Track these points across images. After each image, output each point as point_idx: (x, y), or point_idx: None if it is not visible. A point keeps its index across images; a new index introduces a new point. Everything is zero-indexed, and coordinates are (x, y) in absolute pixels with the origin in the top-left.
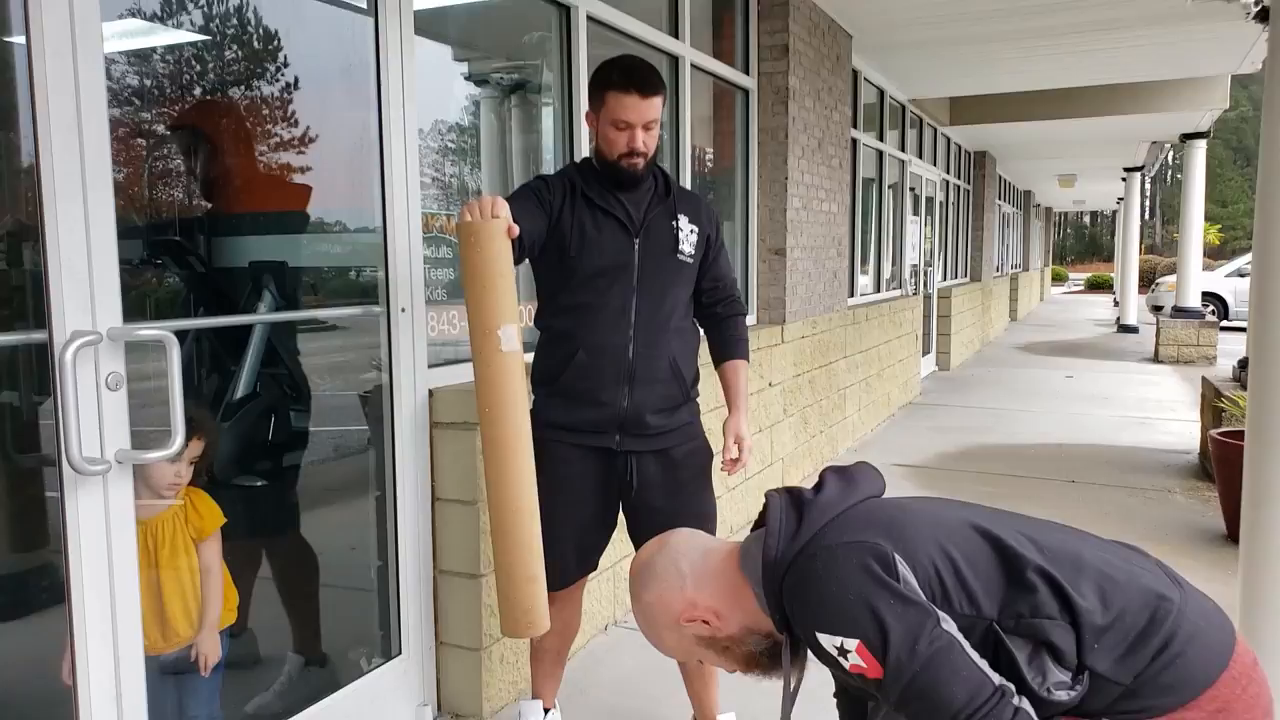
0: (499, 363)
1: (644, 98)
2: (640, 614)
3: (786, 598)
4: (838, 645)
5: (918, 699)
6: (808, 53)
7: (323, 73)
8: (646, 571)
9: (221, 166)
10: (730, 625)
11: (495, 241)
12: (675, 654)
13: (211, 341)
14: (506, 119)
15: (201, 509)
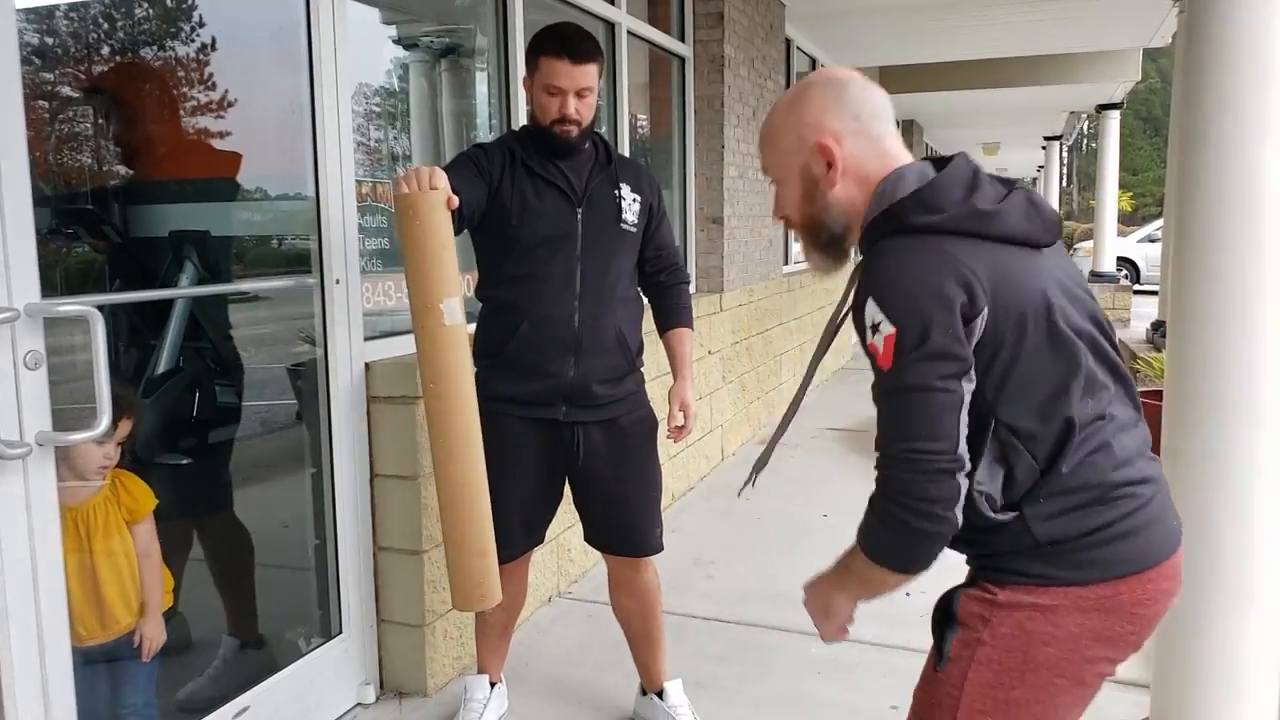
0: (443, 337)
1: (576, 64)
2: (790, 101)
3: (880, 244)
4: (876, 321)
5: (893, 408)
6: (742, 21)
7: (250, 34)
8: (837, 78)
9: (140, 131)
10: (839, 191)
11: (435, 213)
12: (772, 166)
13: (130, 314)
14: (438, 83)
15: (134, 490)
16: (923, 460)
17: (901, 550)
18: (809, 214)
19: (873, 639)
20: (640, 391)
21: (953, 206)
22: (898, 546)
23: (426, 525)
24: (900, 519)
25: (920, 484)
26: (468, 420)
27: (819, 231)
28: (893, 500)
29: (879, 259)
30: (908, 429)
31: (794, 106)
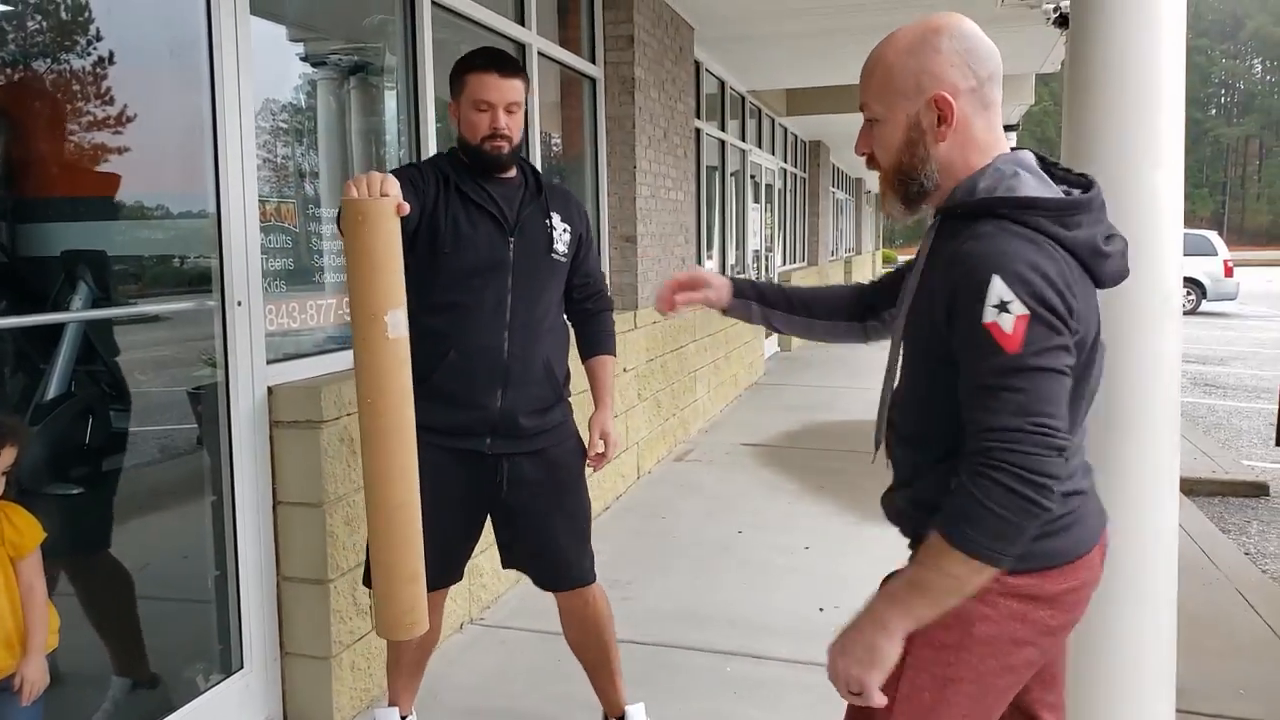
0: (386, 350)
1: (504, 77)
2: (915, 42)
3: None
4: (1005, 300)
5: (1019, 384)
6: (652, 43)
7: (148, 49)
8: (967, 31)
9: (31, 148)
10: (944, 149)
11: (386, 220)
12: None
13: (17, 337)
14: (346, 102)
15: (19, 523)
16: (1049, 435)
17: (1011, 532)
18: (906, 164)
19: (787, 655)
20: (568, 421)
21: (1083, 234)
22: (1008, 527)
23: (332, 553)
24: (1022, 496)
25: (1043, 458)
26: (405, 438)
27: (909, 183)
28: (1012, 474)
29: (1004, 239)
30: (1034, 406)
31: (918, 50)
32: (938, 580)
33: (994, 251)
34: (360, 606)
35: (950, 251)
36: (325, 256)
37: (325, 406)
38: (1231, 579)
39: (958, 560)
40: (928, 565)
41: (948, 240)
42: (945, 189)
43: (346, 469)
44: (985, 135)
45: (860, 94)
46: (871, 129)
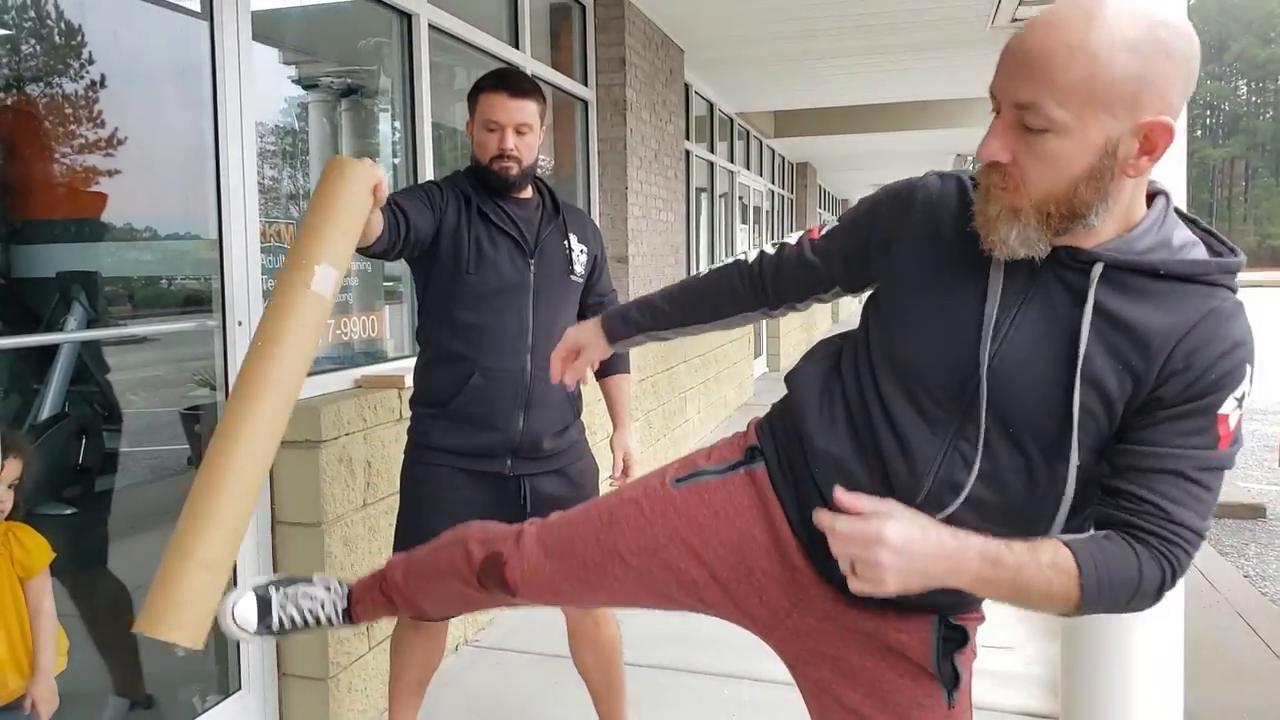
0: (301, 299)
1: (514, 98)
2: (1144, 41)
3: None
4: (1246, 395)
5: (1215, 487)
6: (644, 66)
7: (153, 74)
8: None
9: (32, 171)
10: (1127, 186)
11: (358, 182)
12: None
13: (11, 357)
14: (338, 124)
15: (27, 543)
16: (1204, 540)
17: (1119, 605)
18: (1081, 197)
19: (785, 678)
20: (582, 440)
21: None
22: (1122, 603)
23: (330, 574)
24: (1162, 589)
25: (1190, 562)
26: (277, 399)
27: (1073, 220)
28: (1174, 574)
29: (1242, 317)
30: (1213, 508)
31: (1147, 51)
32: (1038, 590)
33: (1249, 335)
34: (358, 628)
35: (1170, 324)
36: None
37: (324, 426)
38: (1231, 602)
39: (1066, 591)
40: (1042, 570)
41: (1129, 300)
42: (1099, 231)
43: (345, 489)
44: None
45: (1024, 84)
46: (1028, 136)
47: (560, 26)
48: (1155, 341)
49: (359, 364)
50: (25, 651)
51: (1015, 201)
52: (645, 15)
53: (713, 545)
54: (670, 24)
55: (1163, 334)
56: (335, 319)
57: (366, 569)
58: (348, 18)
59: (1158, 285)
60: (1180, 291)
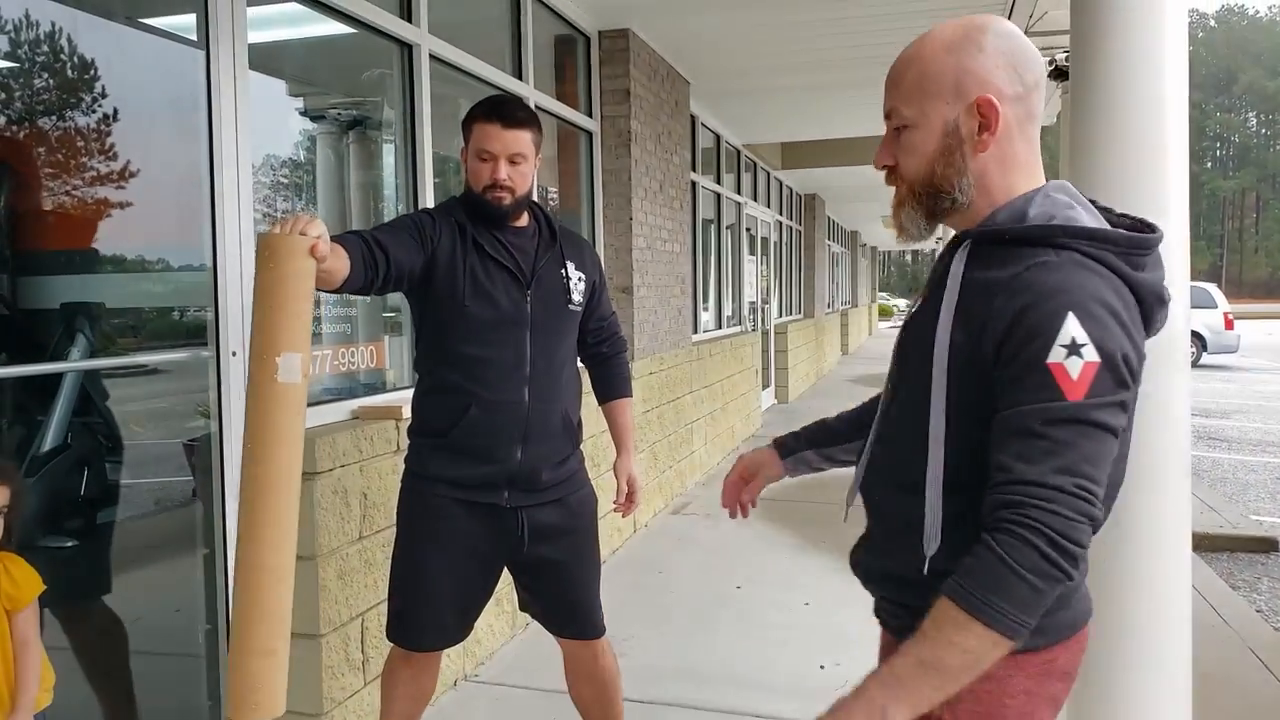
0: (272, 394)
1: (507, 128)
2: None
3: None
4: (1080, 342)
5: (1071, 438)
6: (648, 98)
7: (147, 105)
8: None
9: (32, 202)
10: (983, 160)
11: (292, 260)
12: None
13: (14, 388)
14: (345, 155)
15: (16, 575)
16: (1089, 501)
17: (1036, 602)
18: (940, 175)
19: (788, 715)
20: (581, 470)
21: (1150, 276)
22: (1035, 597)
23: (325, 607)
24: (1055, 566)
25: (1077, 525)
26: (282, 493)
27: (940, 198)
28: (1050, 542)
29: (1079, 273)
30: (1080, 465)
31: (960, 48)
32: (951, 658)
33: (1071, 285)
34: (353, 662)
35: (1001, 279)
36: (320, 308)
37: (319, 458)
38: (1244, 637)
39: (978, 635)
40: (938, 641)
41: (986, 268)
42: (978, 209)
43: (340, 521)
44: (1027, 152)
45: (886, 98)
46: (898, 137)
47: (564, 58)
48: (988, 291)
49: (358, 394)
50: (7, 685)
51: (901, 193)
52: (651, 47)
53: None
54: (676, 56)
55: (992, 283)
56: (335, 349)
57: (361, 602)
58: (350, 49)
59: (1006, 251)
60: (1020, 252)
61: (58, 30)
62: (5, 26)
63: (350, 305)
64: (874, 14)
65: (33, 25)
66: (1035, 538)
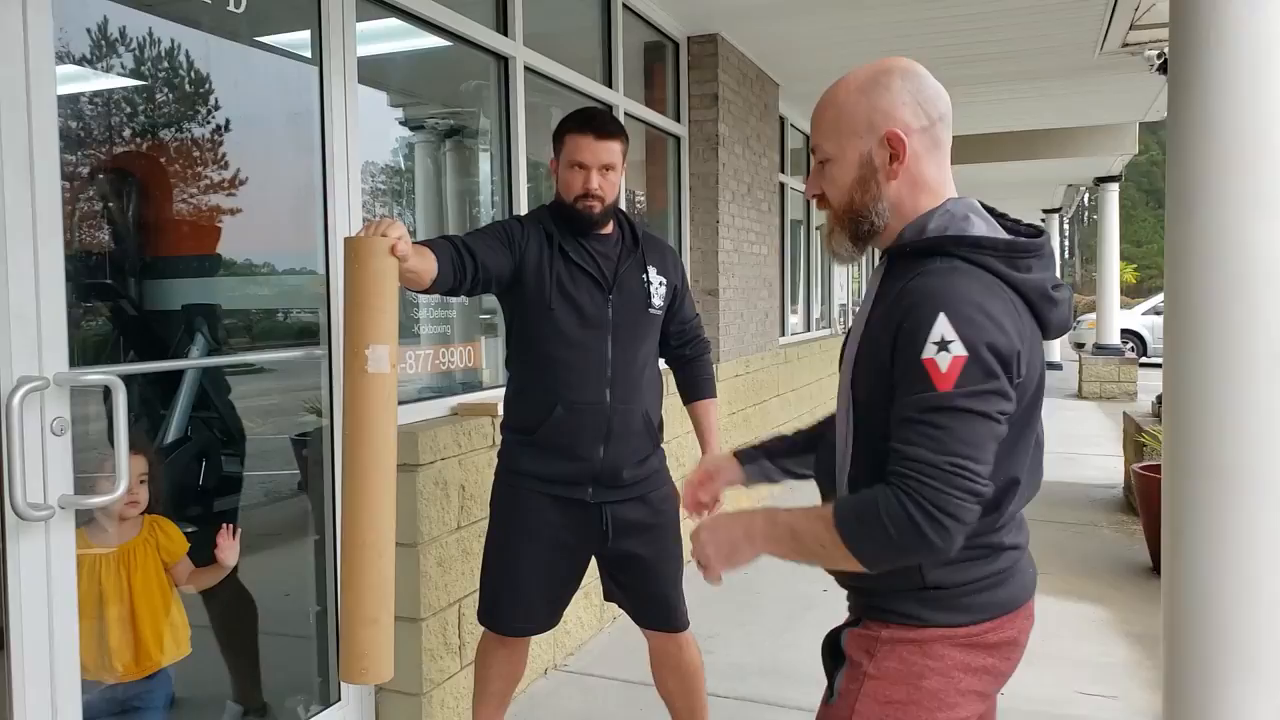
0: (364, 383)
1: (599, 139)
2: (866, 82)
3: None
4: (947, 339)
5: (945, 423)
6: (737, 101)
7: (265, 118)
8: (917, 72)
9: (159, 210)
10: (895, 187)
11: (374, 259)
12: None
13: (142, 384)
14: (442, 163)
15: (170, 532)
16: (967, 478)
17: (890, 550)
18: (858, 202)
19: None
20: (663, 469)
21: (1034, 277)
22: (890, 545)
23: (425, 593)
24: (915, 525)
25: (955, 501)
26: (377, 475)
27: (860, 222)
28: (918, 506)
29: (954, 277)
30: (953, 445)
31: (869, 89)
32: (811, 542)
33: (942, 289)
34: (450, 646)
35: (898, 289)
36: (422, 309)
37: (421, 451)
38: None
39: (833, 543)
40: (811, 524)
41: (896, 279)
42: (894, 229)
43: (440, 511)
44: (935, 176)
45: (811, 136)
46: (823, 170)
47: (654, 65)
48: (891, 301)
49: (456, 392)
50: (169, 628)
51: (830, 220)
52: (739, 51)
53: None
54: (765, 59)
55: (892, 294)
56: (435, 349)
57: (459, 589)
58: (449, 62)
59: (907, 261)
60: (914, 262)
61: (184, 50)
62: (135, 46)
63: (448, 308)
64: (956, 14)
65: (162, 46)
66: (908, 502)
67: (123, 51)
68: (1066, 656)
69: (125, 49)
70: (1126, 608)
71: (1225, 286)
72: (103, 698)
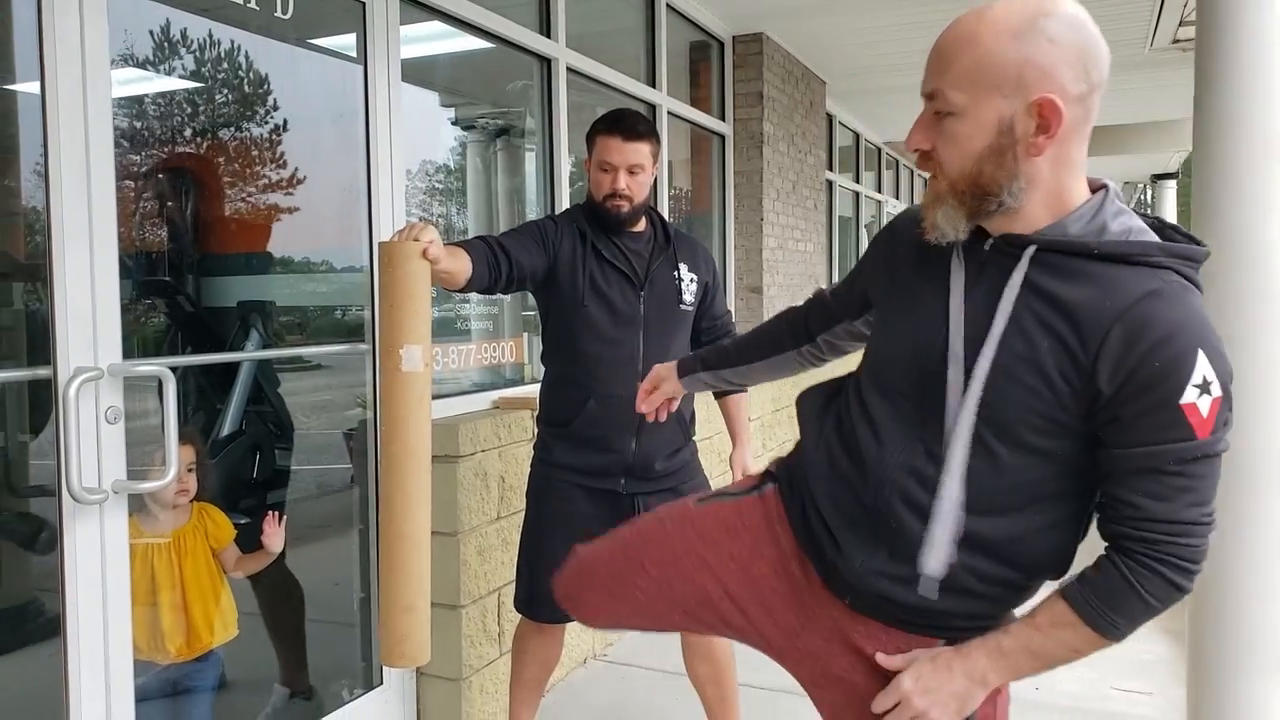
0: (398, 382)
1: (626, 141)
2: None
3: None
4: (1209, 380)
5: (1201, 474)
6: (781, 99)
7: (312, 118)
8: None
9: (213, 209)
10: (1038, 164)
11: (407, 263)
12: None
13: (197, 378)
14: (492, 162)
15: (217, 519)
16: (1210, 525)
17: (1146, 617)
18: (988, 176)
19: None
20: (695, 461)
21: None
22: (1147, 615)
23: (465, 581)
24: (1177, 585)
25: (1204, 549)
26: (413, 468)
27: (987, 200)
28: (1176, 567)
29: (1194, 302)
30: (1208, 495)
31: (1027, 36)
32: (1057, 651)
33: (1194, 319)
34: (489, 633)
35: (1105, 307)
36: (466, 305)
37: (462, 443)
38: None
39: (1086, 639)
40: (1050, 637)
41: (1064, 283)
42: (1031, 216)
43: (480, 501)
44: (1080, 153)
45: (930, 77)
46: (939, 122)
47: (698, 64)
48: (1084, 314)
49: (499, 386)
50: (218, 612)
51: (938, 186)
52: (785, 50)
53: (724, 559)
54: (811, 57)
55: (1094, 309)
56: (479, 344)
57: (498, 578)
58: (497, 62)
59: (1093, 266)
60: (1118, 273)
61: (238, 50)
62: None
63: (493, 305)
64: None
65: (215, 48)
66: (1167, 569)
67: (177, 54)
68: (1103, 653)
69: (180, 52)
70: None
71: (1249, 284)
72: (156, 679)
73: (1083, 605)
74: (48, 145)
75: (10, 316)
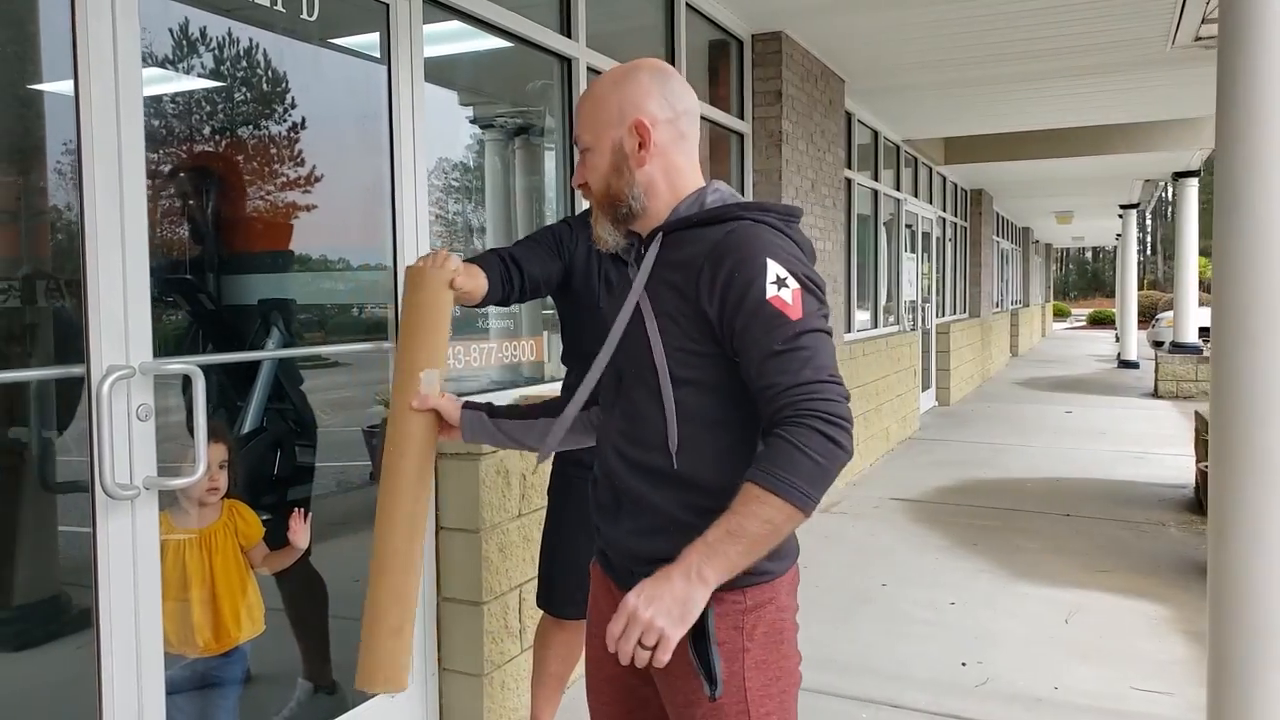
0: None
1: None
2: (618, 78)
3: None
4: (782, 277)
5: (810, 346)
6: (800, 98)
7: (336, 117)
8: (664, 71)
9: (236, 208)
10: (646, 172)
11: (432, 291)
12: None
13: (219, 376)
14: (510, 161)
15: (247, 517)
16: (840, 385)
17: (823, 476)
18: (614, 187)
19: (924, 706)
20: None
21: (802, 238)
22: (822, 472)
23: (486, 577)
24: (834, 440)
25: (840, 404)
26: (411, 492)
27: (618, 205)
28: (825, 422)
29: (760, 231)
30: (825, 361)
31: (620, 83)
32: (756, 528)
33: (759, 240)
34: (511, 629)
35: (699, 253)
36: None
37: None
38: None
39: (776, 507)
40: (745, 514)
41: (679, 250)
42: (655, 212)
43: (501, 498)
44: (686, 164)
45: (576, 128)
46: (585, 159)
47: (718, 63)
48: (691, 264)
49: (520, 384)
50: (246, 607)
51: (594, 206)
52: (804, 48)
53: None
54: (830, 55)
55: (692, 257)
56: (500, 343)
57: (519, 575)
58: (516, 61)
59: (694, 232)
60: (709, 231)
61: (261, 50)
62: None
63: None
64: (1025, 8)
65: (240, 48)
66: (815, 422)
67: (202, 54)
68: (1123, 653)
69: (204, 51)
70: (1189, 606)
71: (1271, 280)
72: (184, 672)
73: (764, 477)
74: (81, 148)
75: (36, 314)
